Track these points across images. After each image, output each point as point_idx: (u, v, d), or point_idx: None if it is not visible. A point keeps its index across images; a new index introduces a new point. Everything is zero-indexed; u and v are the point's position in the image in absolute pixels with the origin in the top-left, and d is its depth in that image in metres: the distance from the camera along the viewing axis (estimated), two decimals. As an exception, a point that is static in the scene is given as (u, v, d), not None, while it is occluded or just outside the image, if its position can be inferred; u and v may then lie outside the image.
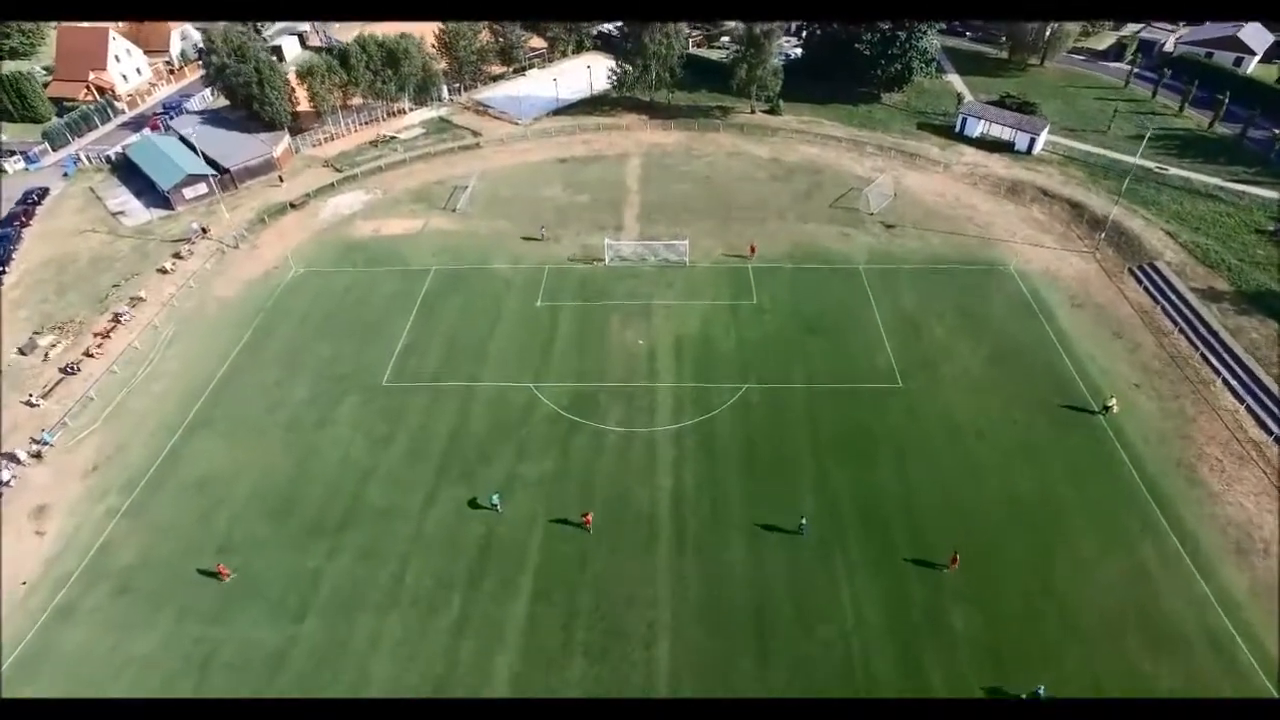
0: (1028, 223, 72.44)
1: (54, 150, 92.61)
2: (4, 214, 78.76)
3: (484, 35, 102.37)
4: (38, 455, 51.47)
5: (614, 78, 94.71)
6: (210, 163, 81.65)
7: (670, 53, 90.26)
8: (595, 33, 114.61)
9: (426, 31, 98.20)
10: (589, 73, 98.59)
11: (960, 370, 54.95)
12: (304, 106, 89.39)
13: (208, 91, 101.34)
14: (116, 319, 62.82)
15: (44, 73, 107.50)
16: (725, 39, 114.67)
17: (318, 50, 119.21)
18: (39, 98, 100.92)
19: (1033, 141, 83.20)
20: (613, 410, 52.18)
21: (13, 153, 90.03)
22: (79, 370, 58.37)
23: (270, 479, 48.58)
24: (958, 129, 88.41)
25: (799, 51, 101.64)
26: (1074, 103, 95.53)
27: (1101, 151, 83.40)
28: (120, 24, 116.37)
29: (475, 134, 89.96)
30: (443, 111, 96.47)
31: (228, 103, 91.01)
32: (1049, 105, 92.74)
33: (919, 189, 77.46)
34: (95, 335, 61.25)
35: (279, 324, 61.59)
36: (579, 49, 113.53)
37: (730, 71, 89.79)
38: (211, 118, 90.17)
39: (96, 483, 49.08)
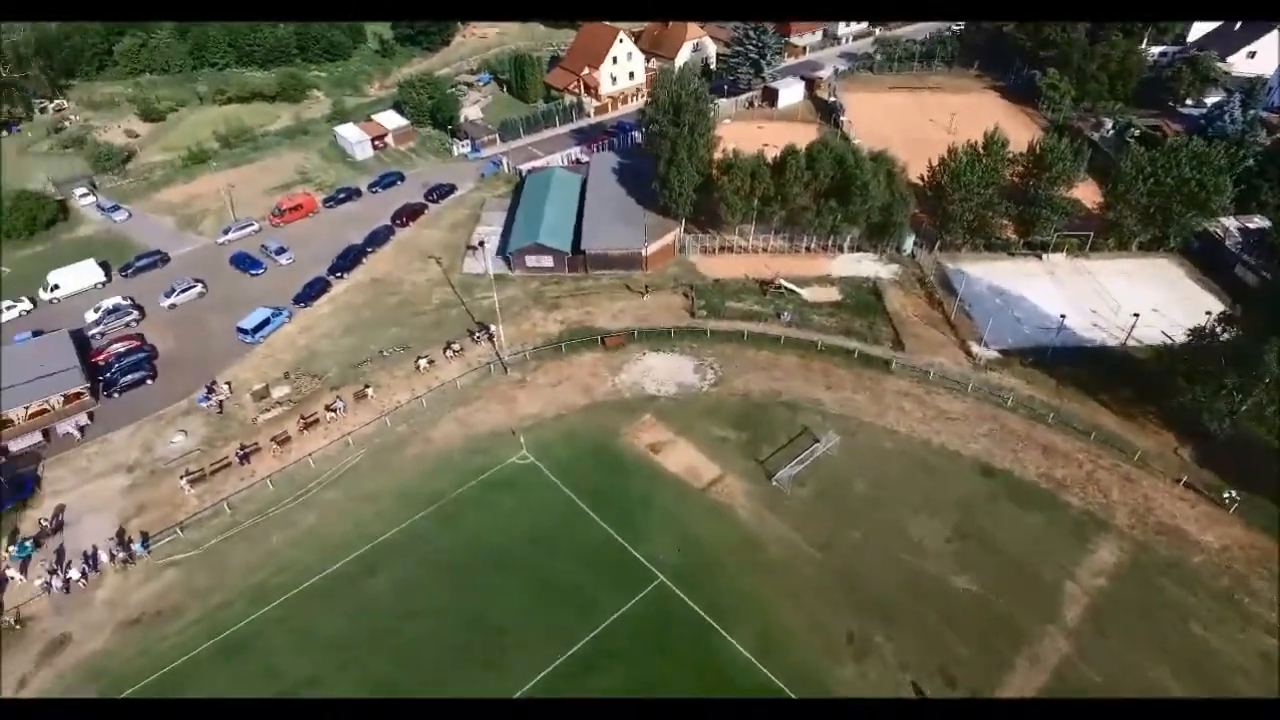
0: None
1: (502, 141, 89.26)
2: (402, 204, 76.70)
3: (1014, 170, 68.08)
4: (127, 560, 43.43)
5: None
6: (577, 229, 67.44)
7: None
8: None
9: (917, 156, 68.19)
10: (1135, 320, 57.96)
11: None
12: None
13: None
14: (331, 407, 52.65)
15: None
16: None
17: (820, 104, 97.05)
18: (535, 81, 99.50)
19: None
20: None
21: (466, 136, 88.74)
22: (249, 461, 49.40)
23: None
24: None
25: None
26: None
27: None
28: (644, 24, 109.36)
29: (894, 347, 58.59)
30: (885, 274, 66.60)
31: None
32: None
33: None
34: (301, 420, 51.91)
35: (410, 553, 43.75)
36: (1157, 245, 70.32)
37: None
38: (628, 169, 75.53)
39: (130, 638, 39.71)
